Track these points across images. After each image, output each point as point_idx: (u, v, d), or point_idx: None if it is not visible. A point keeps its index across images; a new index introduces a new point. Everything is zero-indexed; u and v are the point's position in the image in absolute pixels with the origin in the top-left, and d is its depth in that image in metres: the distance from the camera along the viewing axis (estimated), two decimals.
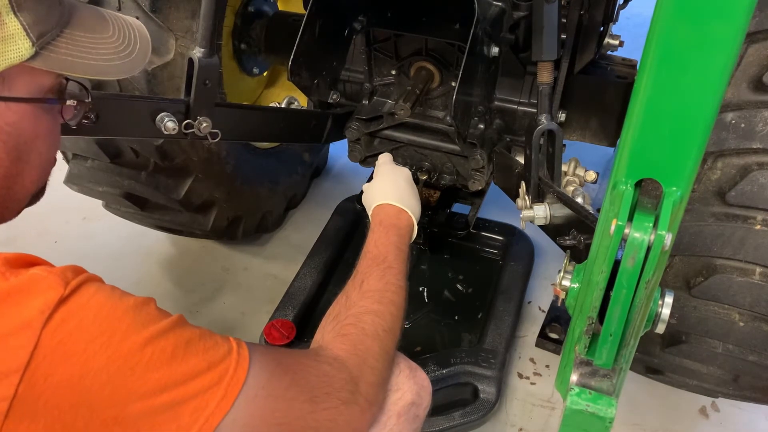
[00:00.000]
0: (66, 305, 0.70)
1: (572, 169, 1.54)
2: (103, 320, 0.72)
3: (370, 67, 1.64)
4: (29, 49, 0.74)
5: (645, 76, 0.72)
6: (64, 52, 0.79)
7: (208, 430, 0.75)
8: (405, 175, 1.39)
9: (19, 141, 0.79)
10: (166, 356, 0.74)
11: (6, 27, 0.72)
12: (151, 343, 0.74)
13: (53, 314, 0.68)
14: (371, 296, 1.09)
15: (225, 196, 1.92)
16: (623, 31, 1.86)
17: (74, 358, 0.69)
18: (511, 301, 1.86)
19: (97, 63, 0.83)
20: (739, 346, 1.24)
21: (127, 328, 0.73)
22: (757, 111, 1.06)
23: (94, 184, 1.78)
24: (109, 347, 0.71)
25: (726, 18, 0.65)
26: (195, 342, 0.78)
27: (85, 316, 0.71)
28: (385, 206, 1.30)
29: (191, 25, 1.54)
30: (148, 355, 0.73)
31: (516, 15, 1.47)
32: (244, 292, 2.10)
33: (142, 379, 0.73)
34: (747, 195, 1.09)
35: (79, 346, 0.70)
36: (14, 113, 0.77)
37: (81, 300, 0.72)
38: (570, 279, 1.00)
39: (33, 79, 0.78)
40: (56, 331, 0.68)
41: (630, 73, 1.72)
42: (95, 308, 0.72)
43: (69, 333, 0.69)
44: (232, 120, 1.44)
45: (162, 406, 0.73)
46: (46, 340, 0.68)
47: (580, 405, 0.96)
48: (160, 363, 0.74)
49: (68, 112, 0.87)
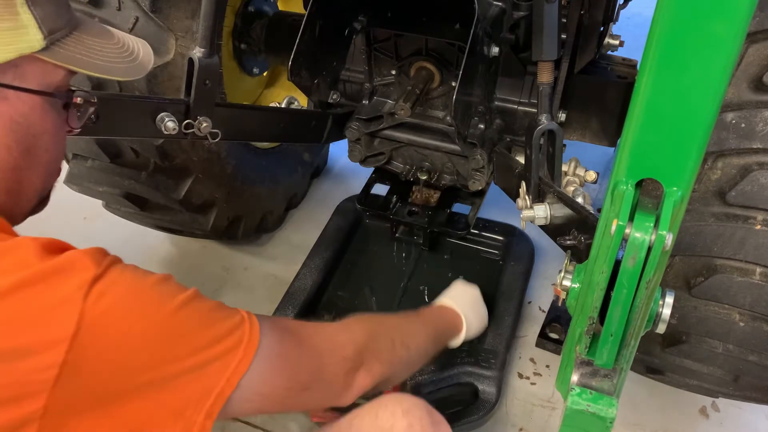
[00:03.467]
0: (100, 282, 0.76)
1: (572, 169, 1.54)
2: (135, 295, 0.79)
3: (370, 67, 1.64)
4: (41, 41, 0.78)
5: (645, 76, 0.72)
6: (72, 50, 0.84)
7: (230, 388, 0.83)
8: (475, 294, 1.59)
9: (28, 133, 0.83)
10: (193, 323, 0.83)
11: (20, 17, 0.76)
12: (179, 312, 0.81)
13: (90, 290, 0.75)
14: (401, 328, 1.22)
15: (225, 196, 1.92)
16: (623, 31, 1.86)
17: (114, 327, 0.76)
18: (511, 301, 1.86)
19: (104, 63, 0.88)
20: (739, 346, 1.24)
21: (157, 299, 0.81)
22: (757, 111, 1.06)
23: (94, 184, 1.77)
24: (144, 317, 0.79)
25: (726, 18, 0.65)
26: (215, 310, 0.86)
27: (118, 291, 0.78)
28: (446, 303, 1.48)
29: (191, 25, 1.54)
30: (178, 323, 0.81)
31: (516, 15, 1.47)
32: (244, 292, 2.10)
33: (174, 344, 0.80)
34: (747, 195, 1.09)
35: (118, 317, 0.76)
36: (25, 104, 0.81)
37: (113, 278, 0.78)
38: (570, 279, 1.01)
39: (43, 73, 0.82)
40: (97, 303, 0.75)
41: (630, 73, 1.72)
42: (126, 285, 0.79)
43: (108, 306, 0.76)
44: (232, 120, 1.44)
45: (190, 368, 0.80)
46: (89, 311, 0.74)
47: (580, 405, 0.96)
48: (189, 329, 0.82)
49: (74, 119, 0.91)
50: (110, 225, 2.15)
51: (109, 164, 1.67)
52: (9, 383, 0.70)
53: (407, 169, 1.75)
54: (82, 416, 0.75)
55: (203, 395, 0.81)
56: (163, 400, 0.79)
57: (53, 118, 0.86)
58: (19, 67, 0.79)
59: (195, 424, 0.81)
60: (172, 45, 1.53)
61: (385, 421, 1.05)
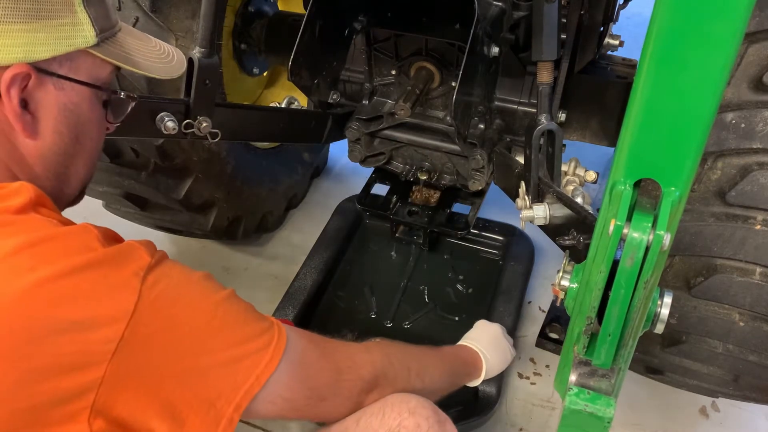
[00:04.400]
0: (155, 270, 0.83)
1: (572, 169, 1.54)
2: (184, 285, 0.86)
3: (370, 67, 1.64)
4: (93, 37, 0.87)
5: (643, 75, 0.72)
6: (118, 48, 0.93)
7: (258, 386, 0.87)
8: (497, 332, 1.56)
9: (78, 122, 0.90)
10: (232, 318, 0.89)
11: (77, 15, 0.85)
12: (220, 306, 0.88)
13: (147, 275, 0.81)
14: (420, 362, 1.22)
15: (225, 196, 1.92)
16: (623, 31, 1.86)
17: (165, 312, 0.82)
18: (511, 301, 1.86)
19: (145, 62, 0.98)
20: (739, 346, 1.24)
21: (202, 291, 0.88)
22: (757, 111, 1.06)
23: (94, 184, 1.78)
24: (190, 306, 0.85)
25: (725, 17, 0.65)
26: (251, 310, 0.93)
27: (170, 281, 0.84)
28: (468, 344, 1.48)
29: (191, 25, 1.54)
30: (221, 316, 0.87)
31: (516, 15, 1.47)
32: (244, 292, 2.07)
33: (214, 335, 0.86)
34: (747, 195, 1.09)
35: (169, 303, 0.83)
36: (77, 95, 0.89)
37: (165, 269, 0.85)
38: (569, 279, 1.00)
39: (93, 67, 0.90)
40: (152, 288, 0.81)
41: (630, 73, 1.72)
42: (176, 276, 0.86)
43: (161, 291, 0.82)
44: (232, 120, 1.44)
45: (225, 361, 0.85)
46: (145, 294, 0.80)
47: (578, 405, 0.96)
48: (229, 323, 0.88)
49: (111, 115, 0.98)
50: (110, 225, 2.13)
51: (109, 164, 1.67)
52: (77, 351, 0.76)
53: (407, 169, 1.75)
54: (131, 393, 0.80)
55: (234, 389, 0.86)
56: (199, 388, 0.84)
57: (99, 109, 0.94)
58: (74, 60, 0.87)
59: (225, 415, 0.85)
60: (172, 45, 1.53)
61: (392, 420, 1.05)
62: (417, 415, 1.06)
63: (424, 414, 1.07)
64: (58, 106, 0.87)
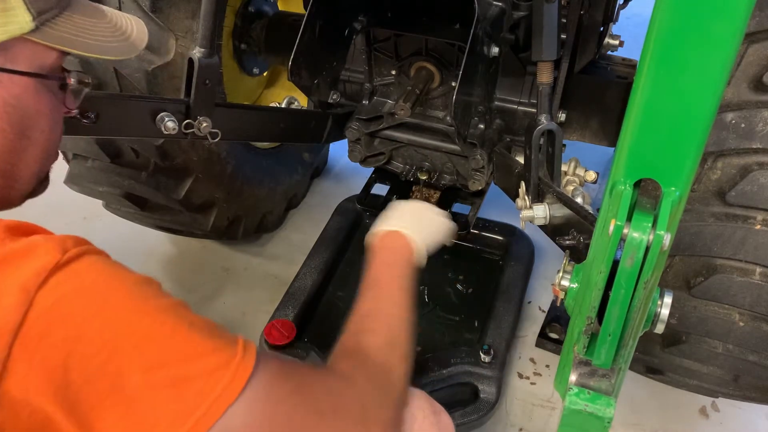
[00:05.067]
0: (63, 270, 0.70)
1: (572, 169, 1.54)
2: (101, 285, 0.71)
3: (370, 67, 1.64)
4: (29, 22, 0.76)
5: (644, 75, 0.72)
6: (63, 30, 0.82)
7: (213, 416, 0.69)
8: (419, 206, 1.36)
9: (22, 115, 0.81)
10: (166, 329, 0.72)
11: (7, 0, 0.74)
12: (150, 314, 0.72)
13: (48, 278, 0.68)
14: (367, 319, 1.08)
15: (225, 196, 1.92)
16: (623, 31, 1.86)
17: (69, 320, 0.68)
18: (511, 301, 1.86)
19: (95, 43, 0.86)
20: (739, 346, 1.24)
21: (125, 296, 0.72)
22: (757, 111, 1.06)
23: (94, 184, 1.78)
24: (105, 311, 0.70)
25: (725, 17, 0.65)
26: (199, 324, 0.75)
27: (82, 281, 0.71)
28: (379, 233, 1.27)
29: (191, 25, 1.54)
30: (147, 326, 0.71)
31: (516, 15, 1.47)
32: (244, 292, 2.10)
33: (139, 349, 0.70)
34: (747, 195, 1.09)
35: (75, 309, 0.69)
36: (17, 86, 0.79)
37: (80, 267, 0.71)
38: (569, 279, 1.00)
39: (34, 55, 0.80)
40: (51, 292, 0.68)
41: (630, 73, 1.72)
42: (94, 275, 0.72)
43: (64, 295, 0.69)
44: (232, 120, 1.44)
45: (162, 382, 0.69)
46: (40, 301, 0.67)
47: (578, 405, 0.96)
48: (160, 335, 0.71)
49: (70, 100, 0.89)
50: (110, 225, 2.16)
51: (109, 164, 1.67)
52: None
53: (407, 169, 1.75)
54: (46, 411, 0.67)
55: (176, 420, 0.68)
56: (126, 418, 0.68)
57: (48, 99, 0.84)
58: (10, 49, 0.77)
59: None
60: (172, 45, 1.53)
61: None
62: (411, 407, 1.03)
63: (418, 404, 1.04)
64: None
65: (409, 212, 1.32)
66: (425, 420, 1.03)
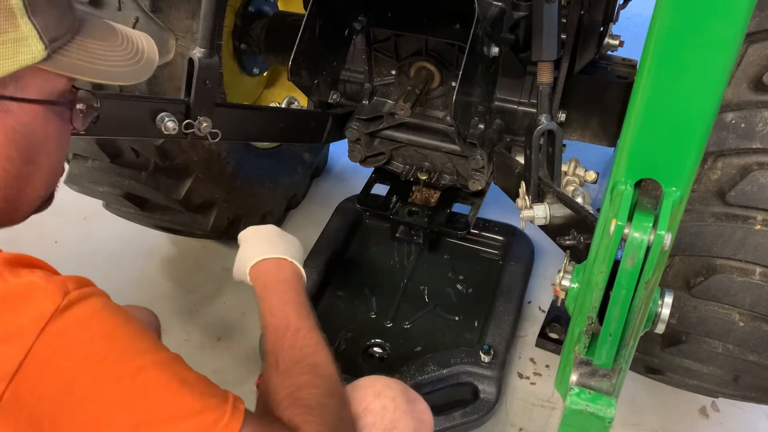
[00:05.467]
0: (63, 317, 0.69)
1: (572, 169, 1.54)
2: (100, 339, 0.71)
3: (370, 67, 1.64)
4: (42, 51, 0.76)
5: (644, 76, 0.72)
6: (75, 57, 0.81)
7: None
8: (267, 229, 1.30)
9: (30, 142, 0.80)
10: (158, 387, 0.72)
11: (20, 29, 0.73)
12: (144, 371, 0.72)
13: (47, 325, 0.67)
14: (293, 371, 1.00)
15: (225, 196, 1.92)
16: (623, 31, 1.86)
17: (62, 374, 0.68)
18: (511, 301, 1.86)
19: (107, 69, 0.85)
20: (739, 346, 1.24)
21: (122, 351, 0.72)
22: (757, 111, 1.07)
23: (94, 184, 1.78)
24: (100, 368, 0.70)
25: (726, 17, 0.65)
26: (191, 382, 0.76)
27: (82, 332, 0.70)
28: (260, 264, 1.21)
29: (191, 25, 1.54)
30: (139, 384, 0.71)
31: (516, 15, 1.48)
32: (244, 292, 2.09)
33: (128, 408, 0.71)
34: (747, 195, 1.09)
35: (70, 362, 0.68)
36: (26, 114, 0.79)
37: (82, 314, 0.70)
38: (570, 279, 1.00)
39: (45, 82, 0.80)
40: (50, 343, 0.67)
41: (630, 73, 1.72)
42: (95, 326, 0.71)
43: (63, 347, 0.68)
44: (232, 120, 1.44)
45: None
46: (38, 351, 0.67)
47: (579, 405, 0.96)
48: (151, 393, 0.72)
49: (77, 120, 0.88)
50: (110, 225, 2.16)
51: (109, 164, 1.67)
52: None
53: (407, 169, 1.75)
54: None
55: None
56: None
57: (56, 124, 0.84)
58: (21, 78, 0.76)
59: None
60: (172, 45, 1.53)
61: (357, 404, 1.01)
62: (383, 397, 1.02)
63: (390, 395, 1.03)
64: (5, 130, 0.77)
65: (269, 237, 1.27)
66: (397, 410, 1.02)
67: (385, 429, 1.01)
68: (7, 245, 0.78)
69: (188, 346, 1.91)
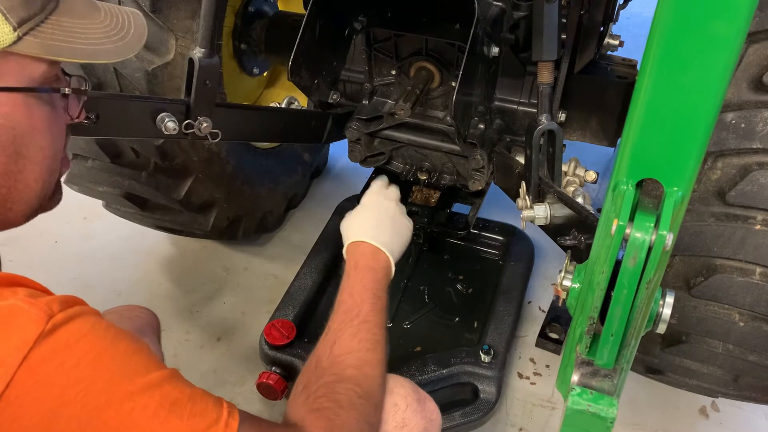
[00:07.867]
0: (48, 342, 0.65)
1: (572, 169, 1.54)
2: (86, 365, 0.67)
3: (370, 67, 1.64)
4: (10, 33, 0.70)
5: (646, 76, 0.72)
6: (50, 38, 0.75)
7: None
8: (391, 209, 1.29)
9: (14, 134, 0.75)
10: (145, 416, 0.69)
11: None
12: (133, 398, 0.69)
13: (30, 352, 0.64)
14: (343, 360, 0.99)
15: (225, 196, 1.92)
16: (623, 31, 1.86)
17: (46, 403, 0.65)
18: (511, 301, 1.86)
19: (87, 47, 0.79)
20: (739, 346, 1.24)
21: (110, 377, 0.69)
22: (757, 111, 1.07)
23: (94, 184, 1.77)
24: (87, 396, 0.66)
25: (727, 18, 0.65)
26: (182, 403, 0.72)
27: (68, 357, 0.66)
28: (361, 244, 1.20)
29: (191, 25, 1.54)
30: (126, 413, 0.68)
31: (516, 15, 1.47)
32: (244, 292, 2.10)
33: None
34: (747, 195, 1.09)
35: (54, 391, 0.65)
36: (4, 105, 0.73)
37: (68, 339, 0.67)
38: (571, 279, 1.00)
39: (21, 68, 0.74)
40: (33, 371, 0.64)
41: (630, 73, 1.73)
42: (81, 350, 0.67)
43: (47, 374, 0.65)
44: (233, 120, 1.44)
45: None
46: (20, 380, 0.63)
47: (581, 405, 0.96)
48: (138, 423, 0.68)
49: (73, 107, 0.84)
50: (110, 225, 2.16)
51: (109, 164, 1.67)
52: None
53: (407, 169, 1.75)
54: None
55: None
56: None
57: (43, 112, 0.78)
58: None
59: None
60: (172, 45, 1.53)
61: None
62: (394, 395, 1.01)
63: (402, 393, 1.03)
64: None
65: (386, 220, 1.25)
66: (408, 408, 1.02)
67: (396, 426, 1.01)
68: (8, 245, 0.77)
69: (188, 346, 1.91)
